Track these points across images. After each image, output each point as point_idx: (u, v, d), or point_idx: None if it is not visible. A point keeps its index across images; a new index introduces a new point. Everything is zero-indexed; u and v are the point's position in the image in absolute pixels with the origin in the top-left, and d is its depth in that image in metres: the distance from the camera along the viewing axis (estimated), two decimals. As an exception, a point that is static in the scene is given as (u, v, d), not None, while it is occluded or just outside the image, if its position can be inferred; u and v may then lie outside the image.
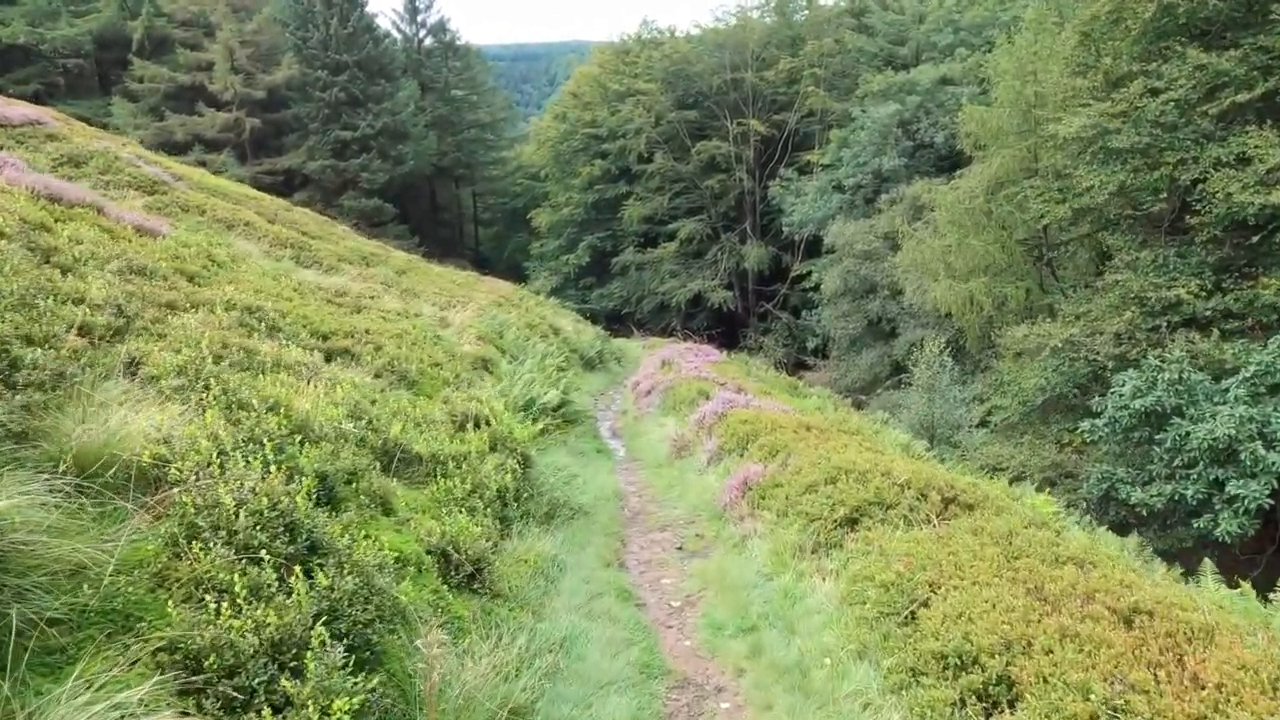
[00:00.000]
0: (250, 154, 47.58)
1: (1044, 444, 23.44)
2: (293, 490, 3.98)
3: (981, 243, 25.53)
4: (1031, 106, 25.33)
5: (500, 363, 12.82)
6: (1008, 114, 26.03)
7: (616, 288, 48.83)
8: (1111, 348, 21.03)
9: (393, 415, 7.37)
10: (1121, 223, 23.25)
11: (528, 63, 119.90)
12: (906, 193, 36.92)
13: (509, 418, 8.49)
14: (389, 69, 50.80)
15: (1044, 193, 24.37)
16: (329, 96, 46.91)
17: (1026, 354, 24.30)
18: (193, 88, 47.16)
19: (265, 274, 12.38)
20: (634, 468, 11.73)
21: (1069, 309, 23.16)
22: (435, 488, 6.49)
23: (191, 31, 48.83)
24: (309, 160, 47.53)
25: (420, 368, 9.63)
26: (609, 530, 8.07)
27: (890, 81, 40.69)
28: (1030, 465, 22.58)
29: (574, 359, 22.56)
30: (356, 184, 47.75)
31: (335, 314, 11.27)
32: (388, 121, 48.10)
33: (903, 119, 39.89)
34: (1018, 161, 25.68)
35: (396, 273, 20.04)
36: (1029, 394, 22.67)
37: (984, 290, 25.29)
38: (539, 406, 11.32)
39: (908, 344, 35.68)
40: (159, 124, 46.15)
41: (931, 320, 34.38)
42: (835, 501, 7.23)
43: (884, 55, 45.09)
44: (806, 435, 9.75)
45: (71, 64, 47.88)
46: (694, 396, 14.34)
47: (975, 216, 26.18)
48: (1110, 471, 19.46)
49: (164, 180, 17.22)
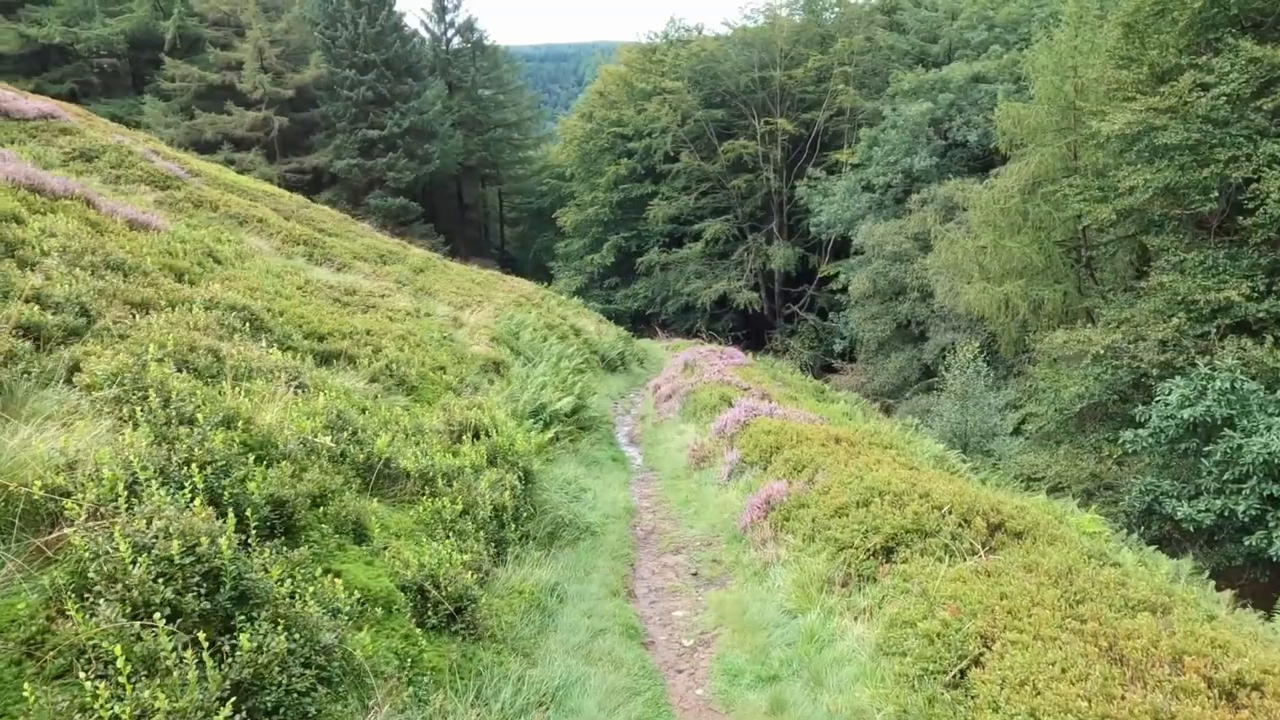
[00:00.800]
0: (279, 153, 47.52)
1: (1082, 454, 22.34)
2: (215, 531, 3.28)
3: (1018, 244, 24.43)
4: (1071, 103, 24.19)
5: (513, 366, 12.14)
6: (1046, 111, 24.91)
7: (641, 288, 48.09)
8: (1156, 354, 19.91)
9: (382, 425, 6.69)
10: (1167, 223, 22.07)
11: (556, 63, 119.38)
12: (938, 193, 35.81)
13: (512, 427, 7.78)
14: (416, 68, 50.52)
15: (1084, 192, 23.23)
16: (356, 95, 46.67)
17: (1064, 360, 23.21)
18: (223, 87, 47.20)
19: (269, 271, 11.81)
20: (650, 479, 10.98)
21: (1110, 314, 22.02)
22: (422, 508, 5.80)
23: (222, 31, 48.92)
24: (336, 159, 47.36)
25: (421, 372, 8.96)
26: (618, 553, 7.33)
27: (922, 79, 39.55)
28: (1068, 476, 21.51)
29: (594, 360, 21.87)
30: (383, 183, 47.49)
31: (337, 313, 10.66)
32: (415, 120, 47.76)
33: (935, 117, 38.75)
34: (1057, 160, 24.54)
35: (414, 271, 19.48)
36: (1067, 402, 21.58)
37: (1020, 293, 24.19)
38: (551, 413, 10.61)
39: (938, 347, 34.60)
40: (189, 123, 46.24)
41: (963, 324, 33.27)
42: (868, 528, 6.43)
43: (915, 53, 43.90)
44: (835, 449, 8.94)
45: (106, 63, 48.16)
46: (715, 402, 13.57)
47: (1011, 217, 25.09)
48: (1154, 484, 18.38)
49: (178, 176, 16.77)
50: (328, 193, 46.08)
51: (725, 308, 46.07)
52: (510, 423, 8.25)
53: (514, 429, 7.66)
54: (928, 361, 35.83)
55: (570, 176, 53.08)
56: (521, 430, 8.91)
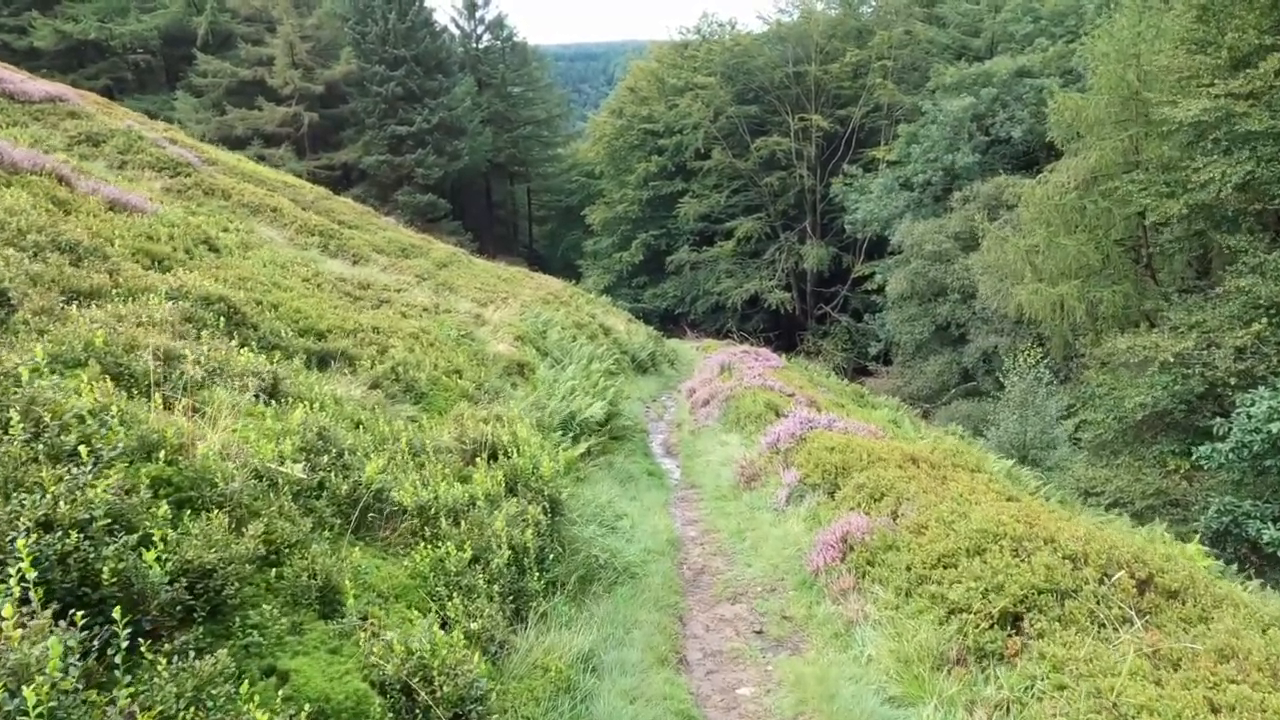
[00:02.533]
0: (308, 149, 46.69)
1: (1144, 467, 20.56)
2: (24, 666, 1.92)
3: (1074, 242, 22.64)
4: (1135, 92, 22.34)
5: (539, 367, 10.78)
6: (1106, 101, 23.06)
7: (670, 287, 46.61)
8: (1233, 363, 18.12)
9: (378, 445, 5.35)
10: (1242, 220, 20.23)
11: (586, 62, 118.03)
12: (981, 190, 34.03)
13: (537, 444, 6.41)
14: (446, 64, 49.47)
15: (1148, 187, 21.44)
16: (386, 91, 45.70)
17: (1126, 366, 21.43)
18: (254, 83, 46.48)
19: (272, 262, 10.56)
20: (691, 498, 9.56)
21: (1177, 317, 20.22)
22: (419, 557, 4.44)
23: (254, 27, 48.20)
24: (365, 155, 46.46)
25: (433, 376, 7.62)
26: (663, 601, 5.93)
27: (964, 73, 37.71)
28: (1130, 491, 19.75)
29: (625, 361, 20.50)
30: (411, 179, 46.50)
31: (344, 309, 9.37)
32: (444, 116, 46.69)
33: (977, 112, 36.91)
34: (1117, 154, 22.72)
35: (437, 266, 18.23)
36: (1129, 411, 19.82)
37: (1076, 294, 22.39)
38: (581, 422, 9.24)
39: (979, 351, 32.86)
40: (220, 118, 45.56)
41: (1006, 326, 31.47)
42: (987, 585, 4.96)
43: (956, 47, 42.00)
44: (915, 472, 7.46)
45: (140, 59, 47.67)
46: (760, 410, 12.12)
47: (1067, 214, 23.29)
48: (1234, 503, 16.63)
49: (190, 163, 15.63)
50: (356, 189, 45.16)
51: (756, 308, 44.48)
52: (535, 437, 6.87)
53: (539, 445, 6.29)
54: (968, 365, 34.08)
55: (599, 174, 51.73)
56: (549, 445, 7.55)
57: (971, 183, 35.03)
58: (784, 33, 45.01)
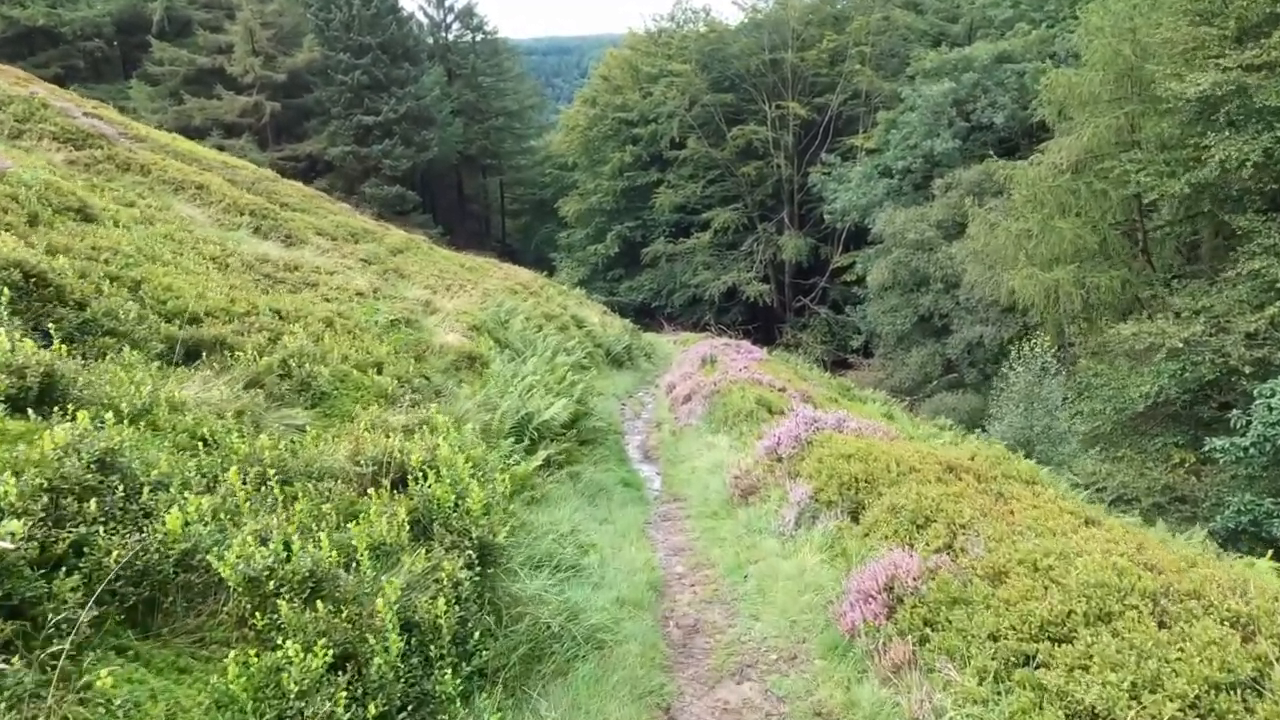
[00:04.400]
0: (271, 140, 44.23)
1: (1148, 460, 19.15)
2: None
3: (1070, 225, 21.15)
4: (1131, 68, 20.90)
5: (494, 361, 8.94)
6: (1100, 78, 21.58)
7: (646, 280, 44.74)
8: (1245, 349, 16.71)
9: (213, 477, 3.52)
10: (1247, 200, 18.84)
11: (559, 56, 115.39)
12: (964, 177, 32.55)
13: (474, 459, 4.58)
14: (413, 52, 47.15)
15: (1146, 166, 20.00)
16: (351, 80, 43.38)
17: (1125, 355, 20.01)
18: (212, 71, 43.90)
19: (169, 237, 8.62)
20: (676, 515, 7.79)
21: (1182, 302, 18.81)
22: (232, 670, 2.61)
23: (213, 13, 45.63)
24: (330, 146, 44.11)
25: (340, 370, 5.77)
26: (642, 685, 4.14)
27: (944, 58, 36.21)
28: (1135, 487, 18.29)
29: (599, 355, 18.70)
30: (379, 171, 44.23)
31: (247, 289, 7.48)
32: (411, 106, 44.44)
33: (957, 98, 35.41)
34: (1112, 131, 21.25)
35: (390, 251, 16.30)
36: (1133, 401, 18.37)
37: (1072, 280, 20.90)
38: (540, 426, 7.42)
39: (963, 342, 31.41)
40: (177, 108, 42.94)
41: (992, 316, 30.05)
42: (1134, 678, 3.23)
43: (935, 33, 40.57)
44: (961, 486, 5.74)
45: (93, 47, 44.83)
46: (751, 407, 10.37)
47: (1061, 196, 21.80)
48: (1254, 502, 15.17)
49: (104, 135, 13.56)
50: (322, 181, 42.80)
51: (734, 300, 42.79)
52: (476, 450, 5.04)
53: (471, 465, 4.45)
54: (951, 356, 32.68)
55: (573, 166, 49.71)
56: (495, 457, 5.73)
57: (953, 169, 33.56)
58: (760, 19, 43.29)
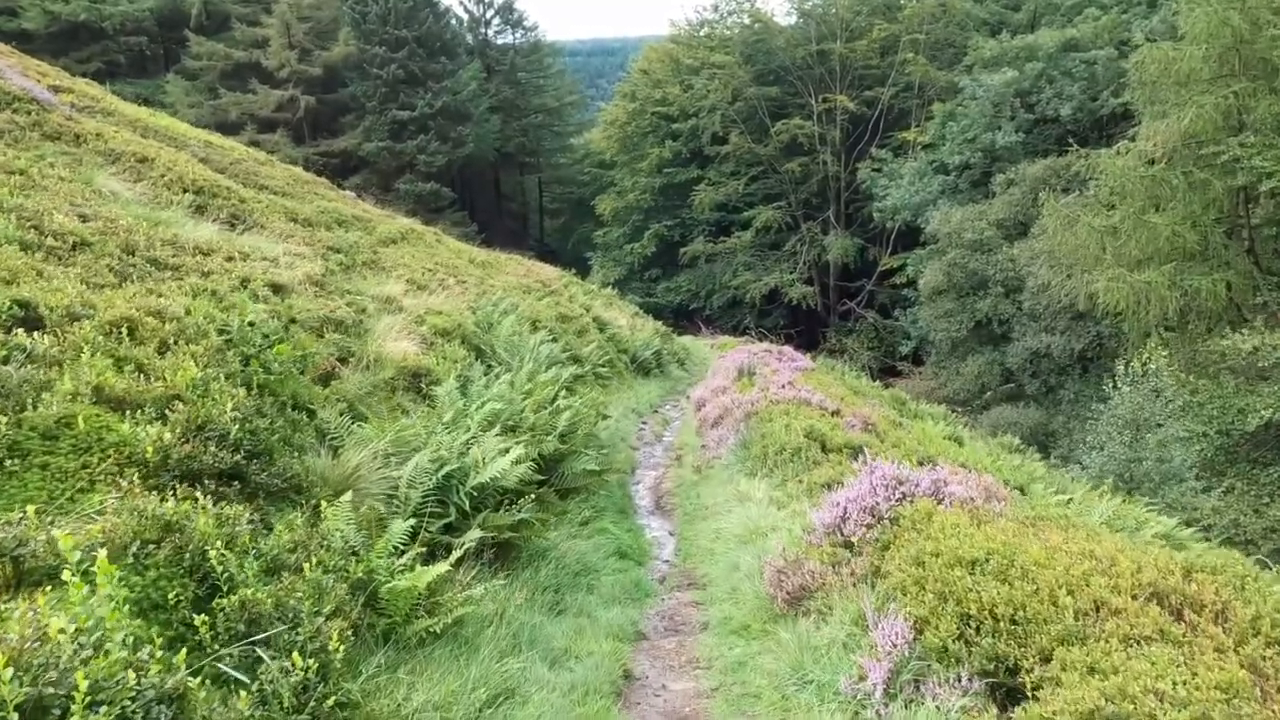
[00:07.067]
0: (307, 135, 42.66)
1: (1262, 495, 15.93)
2: None
3: (1165, 221, 17.93)
4: (1240, 40, 17.65)
5: (447, 379, 6.41)
6: (1203, 53, 18.32)
7: (684, 280, 42.02)
8: (1398, 368, 13.50)
9: None
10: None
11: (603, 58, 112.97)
12: (1028, 172, 29.23)
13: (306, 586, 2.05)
14: (450, 46, 45.17)
15: (1262, 151, 16.77)
16: (386, 74, 41.52)
17: (1230, 370, 16.80)
18: (248, 65, 42.50)
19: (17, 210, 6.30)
20: (686, 625, 5.18)
21: (1307, 311, 15.60)
22: None
23: (250, 7, 44.25)
24: (365, 142, 42.32)
25: (66, 412, 3.26)
26: None
27: (1006, 46, 32.92)
28: (1249, 527, 15.11)
29: (622, 363, 16.15)
30: (414, 167, 42.32)
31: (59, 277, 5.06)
32: (448, 101, 42.43)
33: (1020, 88, 32.04)
34: (1218, 112, 17.96)
35: (381, 242, 13.97)
36: (1250, 427, 15.19)
37: (1167, 282, 17.69)
38: (481, 489, 4.83)
39: (1027, 351, 28.06)
40: (213, 102, 41.63)
41: (1060, 324, 26.69)
42: None
43: (994, 21, 37.18)
44: (1196, 643, 3.01)
45: (134, 42, 43.77)
46: (799, 443, 7.66)
47: (1155, 187, 18.58)
48: None
49: (40, 99, 11.43)
50: (356, 177, 41.07)
51: (775, 303, 39.86)
52: (325, 554, 2.49)
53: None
54: (1011, 366, 29.37)
55: (612, 164, 47.25)
56: (371, 563, 3.21)
57: (1015, 165, 30.24)
58: (807, 9, 40.25)
